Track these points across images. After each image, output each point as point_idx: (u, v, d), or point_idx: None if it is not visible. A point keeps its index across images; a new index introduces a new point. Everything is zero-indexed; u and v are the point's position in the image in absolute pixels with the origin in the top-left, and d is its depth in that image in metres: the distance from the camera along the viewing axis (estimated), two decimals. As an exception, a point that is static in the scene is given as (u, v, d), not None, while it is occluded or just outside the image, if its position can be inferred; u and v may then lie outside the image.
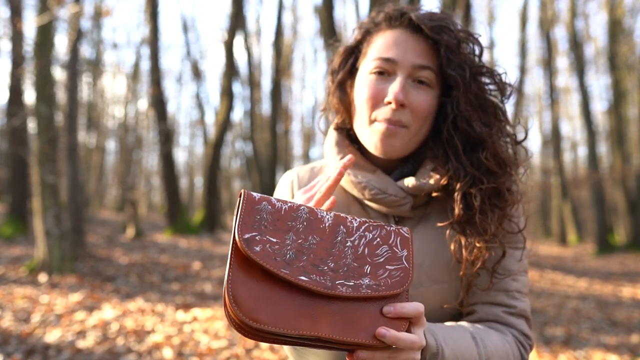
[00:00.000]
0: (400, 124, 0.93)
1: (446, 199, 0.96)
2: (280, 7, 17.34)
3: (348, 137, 1.07)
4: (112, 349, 3.75)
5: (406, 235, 0.78)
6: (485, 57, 1.01)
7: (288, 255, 0.69)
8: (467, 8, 8.92)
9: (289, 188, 1.08)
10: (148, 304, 5.18)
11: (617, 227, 18.21)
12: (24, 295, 5.20)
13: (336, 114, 1.08)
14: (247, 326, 0.65)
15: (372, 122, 0.96)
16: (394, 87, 0.93)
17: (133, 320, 4.57)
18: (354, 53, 1.04)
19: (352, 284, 0.70)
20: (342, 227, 0.74)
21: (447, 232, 0.96)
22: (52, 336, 3.97)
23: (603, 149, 21.89)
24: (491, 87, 0.97)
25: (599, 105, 24.34)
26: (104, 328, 4.27)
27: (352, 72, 1.04)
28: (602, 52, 19.89)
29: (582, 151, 26.34)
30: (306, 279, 0.68)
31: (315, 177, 1.09)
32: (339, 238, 0.73)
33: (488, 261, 0.94)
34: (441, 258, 0.97)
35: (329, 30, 7.38)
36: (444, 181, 0.93)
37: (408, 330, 0.72)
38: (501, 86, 0.97)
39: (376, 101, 0.95)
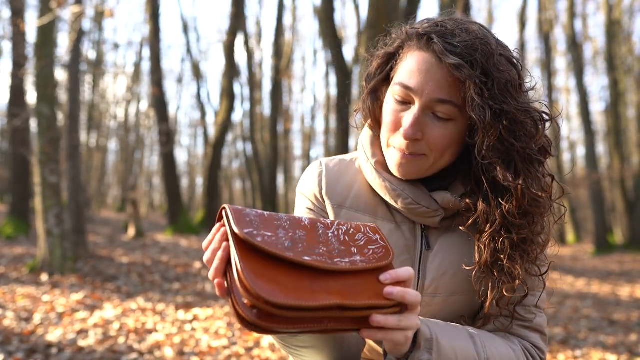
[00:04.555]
0: (416, 154, 0.92)
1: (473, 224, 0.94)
2: (281, 7, 17.37)
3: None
4: (114, 348, 3.78)
5: (372, 225, 0.86)
6: (538, 84, 0.93)
7: (286, 244, 0.74)
8: (466, 9, 8.94)
9: (317, 180, 1.05)
10: (149, 304, 5.21)
11: (616, 226, 18.23)
12: (26, 295, 5.23)
13: (366, 119, 1.06)
14: (270, 304, 0.66)
15: (389, 146, 0.96)
16: (406, 122, 0.90)
17: (134, 319, 4.60)
18: (390, 61, 0.99)
19: (347, 260, 0.77)
20: (319, 224, 0.81)
21: (474, 274, 0.93)
22: (53, 335, 3.99)
23: (601, 149, 21.94)
24: (526, 124, 0.87)
25: (598, 106, 24.37)
26: (105, 327, 4.29)
27: (387, 79, 1.00)
28: (600, 52, 19.92)
29: (581, 151, 26.38)
30: (309, 258, 0.73)
31: (344, 171, 1.06)
32: (320, 231, 0.80)
33: (511, 301, 0.93)
34: (463, 271, 0.95)
35: (328, 31, 7.42)
36: (470, 222, 0.92)
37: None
38: (539, 121, 0.88)
39: (393, 128, 0.93)
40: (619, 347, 4.59)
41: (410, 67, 0.91)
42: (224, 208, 0.77)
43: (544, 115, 0.90)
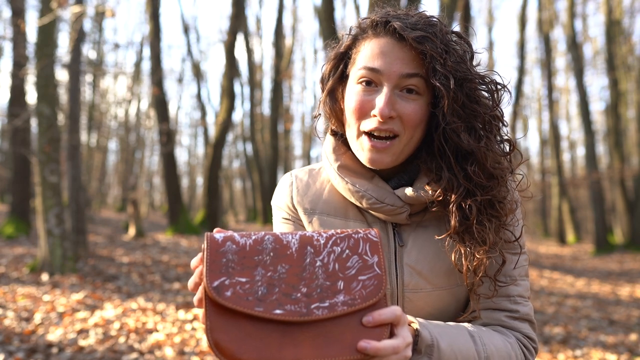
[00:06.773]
0: (391, 132, 0.93)
1: (443, 211, 0.95)
2: (281, 7, 17.38)
3: (344, 142, 1.06)
4: (114, 348, 3.79)
5: (375, 239, 0.77)
6: (482, 59, 0.99)
7: (260, 292, 0.70)
8: (467, 9, 8.96)
9: (287, 191, 1.08)
10: (149, 303, 5.21)
11: (616, 226, 18.23)
12: (26, 294, 5.23)
13: (329, 121, 1.07)
14: None
15: (360, 134, 0.96)
16: (379, 101, 0.91)
17: (134, 319, 4.60)
18: (343, 59, 1.02)
19: (327, 304, 0.71)
20: (309, 247, 0.75)
21: (447, 242, 0.95)
22: (54, 335, 4.00)
23: (601, 148, 21.94)
24: (483, 93, 0.94)
25: (598, 106, 24.40)
26: (105, 327, 4.30)
27: (343, 78, 1.02)
28: (600, 52, 19.92)
29: (581, 151, 26.41)
30: (281, 311, 0.69)
31: (314, 179, 1.08)
32: (308, 260, 0.74)
33: (489, 269, 0.94)
34: (441, 264, 0.97)
35: (328, 31, 7.42)
36: (439, 195, 0.93)
37: (391, 332, 0.74)
38: (494, 91, 0.95)
39: (363, 112, 0.94)
40: (619, 346, 4.59)
41: (371, 52, 0.94)
42: (205, 238, 0.74)
43: (498, 85, 0.95)
